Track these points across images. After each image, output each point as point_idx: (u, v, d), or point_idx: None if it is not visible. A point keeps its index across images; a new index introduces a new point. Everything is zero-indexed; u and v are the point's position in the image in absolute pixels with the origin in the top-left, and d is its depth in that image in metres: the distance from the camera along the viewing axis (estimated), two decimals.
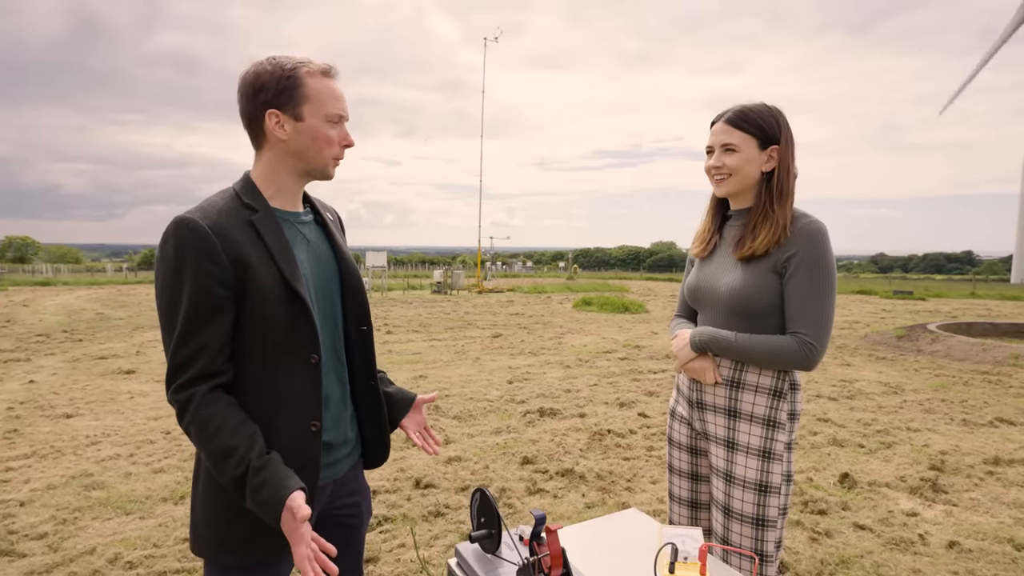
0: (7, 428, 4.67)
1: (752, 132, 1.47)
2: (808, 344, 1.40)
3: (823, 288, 1.41)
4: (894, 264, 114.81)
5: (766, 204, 1.48)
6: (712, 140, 1.53)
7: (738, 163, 1.48)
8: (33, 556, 2.67)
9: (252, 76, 1.16)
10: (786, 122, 1.50)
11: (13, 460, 3.93)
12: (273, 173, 1.21)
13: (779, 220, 1.44)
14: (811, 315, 1.41)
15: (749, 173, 1.49)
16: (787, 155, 1.48)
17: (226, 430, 1.07)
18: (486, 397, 5.75)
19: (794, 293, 1.42)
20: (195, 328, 1.08)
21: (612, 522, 1.50)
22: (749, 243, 1.47)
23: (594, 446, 4.26)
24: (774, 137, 1.48)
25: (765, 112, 1.48)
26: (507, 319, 13.19)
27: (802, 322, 1.41)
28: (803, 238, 1.42)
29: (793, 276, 1.42)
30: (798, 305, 1.42)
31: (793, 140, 1.50)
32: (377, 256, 21.46)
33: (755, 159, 1.48)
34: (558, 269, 56.44)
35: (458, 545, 1.32)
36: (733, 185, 1.52)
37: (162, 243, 1.10)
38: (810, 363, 1.41)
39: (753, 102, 1.50)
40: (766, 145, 1.48)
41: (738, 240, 1.52)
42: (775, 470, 1.47)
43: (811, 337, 1.40)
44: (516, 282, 30.85)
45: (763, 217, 1.47)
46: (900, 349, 9.12)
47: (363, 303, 1.35)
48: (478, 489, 1.30)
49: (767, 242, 1.44)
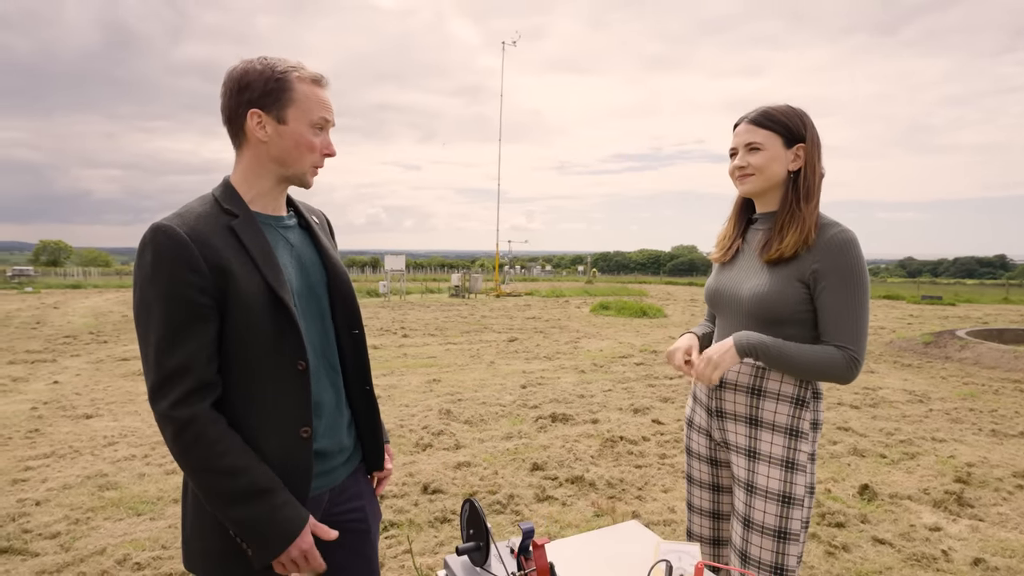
0: (29, 428, 4.78)
1: (777, 130, 1.44)
2: (853, 358, 1.36)
3: (859, 299, 1.37)
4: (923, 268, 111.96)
5: (792, 204, 1.43)
6: (736, 141, 1.50)
7: (763, 161, 1.44)
8: (45, 555, 2.71)
9: (239, 73, 1.13)
10: (811, 122, 1.47)
11: (33, 459, 4.01)
12: (253, 176, 1.18)
13: (806, 220, 1.40)
14: (851, 327, 1.36)
15: (775, 171, 1.45)
16: (813, 154, 1.45)
17: (235, 451, 1.07)
18: (498, 402, 5.72)
19: (831, 305, 1.37)
20: (178, 339, 1.05)
21: (610, 535, 1.46)
22: (776, 245, 1.42)
23: (606, 453, 4.20)
24: (799, 135, 1.44)
25: (789, 111, 1.45)
26: (523, 323, 13.15)
27: (842, 335, 1.36)
28: (835, 249, 1.36)
29: (828, 288, 1.37)
30: (836, 317, 1.37)
31: (819, 140, 1.47)
32: (395, 260, 21.60)
33: (780, 157, 1.44)
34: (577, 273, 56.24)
35: (447, 557, 1.29)
36: (758, 183, 1.47)
37: (139, 251, 1.07)
38: (852, 376, 1.37)
39: (777, 103, 1.47)
40: (791, 143, 1.44)
41: (764, 243, 1.47)
42: (798, 481, 1.42)
43: (854, 350, 1.36)
44: (534, 286, 30.78)
45: (790, 217, 1.42)
46: (927, 356, 8.86)
47: (353, 306, 1.32)
48: (467, 500, 1.27)
49: (795, 243, 1.39)
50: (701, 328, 1.72)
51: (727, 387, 1.52)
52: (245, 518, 1.06)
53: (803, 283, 1.40)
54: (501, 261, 28.35)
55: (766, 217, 1.52)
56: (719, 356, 1.44)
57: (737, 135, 1.49)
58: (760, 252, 1.48)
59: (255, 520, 1.06)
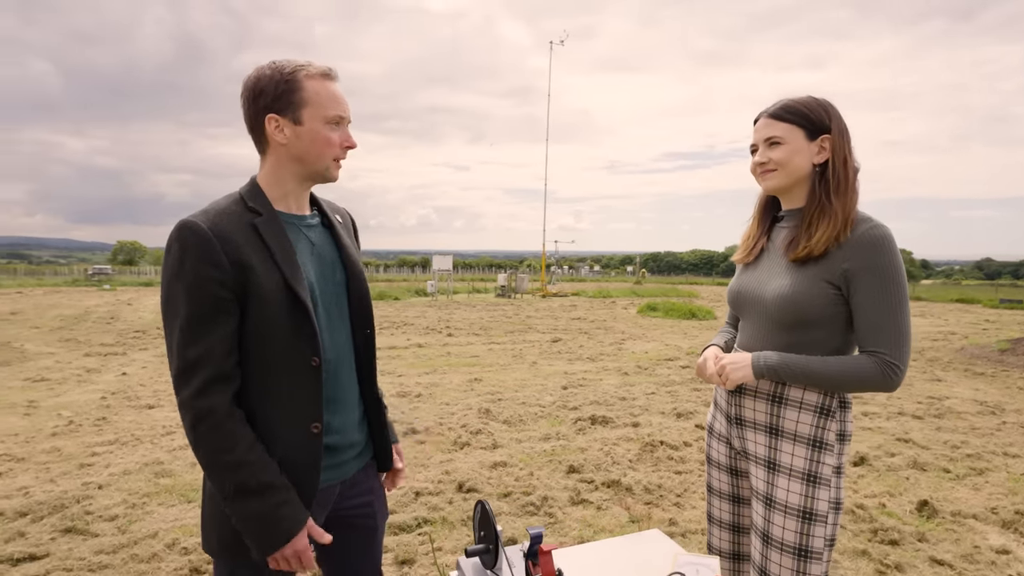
0: (98, 416, 5.12)
1: (797, 122, 1.36)
2: (890, 364, 1.26)
3: (896, 300, 1.27)
4: (1002, 270, 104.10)
5: (822, 197, 1.35)
6: (756, 137, 1.44)
7: (785, 155, 1.37)
8: (103, 536, 2.88)
9: (253, 81, 1.16)
10: (837, 113, 1.38)
11: (99, 446, 4.29)
12: (277, 177, 1.21)
13: (838, 214, 1.31)
14: (889, 331, 1.27)
15: (798, 165, 1.37)
16: (842, 145, 1.36)
17: (244, 445, 1.10)
18: (538, 402, 5.69)
19: (866, 307, 1.28)
20: (200, 330, 1.08)
21: (630, 543, 1.42)
22: (804, 242, 1.33)
23: (645, 457, 4.11)
24: (823, 126, 1.36)
25: (811, 102, 1.37)
26: (568, 323, 13.06)
27: (879, 340, 1.27)
28: (866, 246, 1.28)
29: (861, 289, 1.28)
30: (872, 321, 1.28)
31: (848, 132, 1.38)
32: (443, 260, 21.90)
33: (803, 150, 1.37)
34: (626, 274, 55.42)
35: (459, 559, 1.28)
36: (781, 179, 1.40)
37: (167, 246, 1.12)
38: (893, 384, 1.28)
39: (798, 96, 1.40)
40: (815, 135, 1.36)
41: (790, 241, 1.39)
42: (821, 496, 1.33)
43: (892, 356, 1.26)
44: (581, 286, 30.54)
45: (819, 211, 1.34)
46: (1003, 364, 8.22)
47: (367, 307, 1.34)
48: (479, 502, 1.26)
49: (826, 239, 1.30)
50: (722, 336, 1.65)
51: (747, 393, 1.45)
52: (244, 513, 1.09)
53: (831, 283, 1.31)
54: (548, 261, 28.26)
55: (792, 214, 1.44)
56: (732, 368, 1.38)
57: (757, 130, 1.43)
58: (786, 251, 1.39)
59: (253, 517, 1.09)
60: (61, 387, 6.35)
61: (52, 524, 2.99)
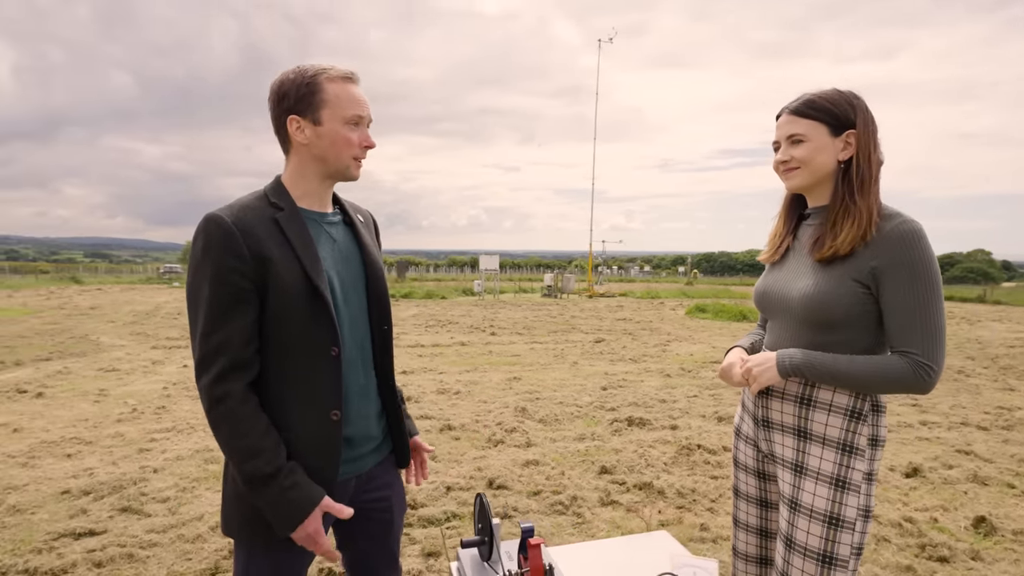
0: (158, 404, 5.46)
1: (820, 118, 1.32)
2: (922, 364, 1.21)
3: (928, 297, 1.22)
4: None
5: (845, 196, 1.30)
6: (778, 134, 1.40)
7: (807, 153, 1.33)
8: (155, 517, 3.08)
9: (277, 85, 1.22)
10: (864, 105, 1.32)
11: (157, 432, 4.58)
12: (300, 176, 1.27)
13: (863, 213, 1.26)
14: (921, 330, 1.22)
15: (822, 163, 1.33)
16: (867, 140, 1.31)
17: (257, 431, 1.14)
18: (576, 402, 5.67)
19: (896, 305, 1.23)
20: (220, 318, 1.14)
21: (635, 543, 1.41)
22: (830, 242, 1.29)
23: (680, 461, 4.02)
24: (848, 121, 1.31)
25: (836, 96, 1.32)
26: (613, 324, 12.91)
27: (910, 339, 1.22)
28: (896, 242, 1.23)
29: (891, 286, 1.23)
30: (902, 319, 1.23)
31: (874, 124, 1.32)
32: (489, 260, 22.07)
33: (827, 147, 1.32)
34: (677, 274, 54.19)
35: (459, 550, 1.31)
36: (804, 177, 1.36)
37: (194, 238, 1.18)
38: (926, 386, 1.22)
39: (822, 88, 1.35)
40: (839, 131, 1.31)
41: (815, 240, 1.35)
42: (849, 502, 1.29)
43: (924, 356, 1.21)
44: (630, 287, 30.10)
45: (843, 211, 1.30)
46: None
47: (385, 303, 1.38)
48: (478, 495, 1.28)
49: (851, 239, 1.26)
50: (749, 339, 1.61)
51: (774, 395, 1.40)
52: (259, 497, 1.14)
53: (860, 282, 1.26)
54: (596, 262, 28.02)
55: (818, 212, 1.39)
56: (758, 370, 1.34)
57: (779, 127, 1.38)
58: (811, 250, 1.35)
59: (268, 501, 1.14)
60: (129, 377, 6.80)
61: (111, 503, 3.22)
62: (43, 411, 5.26)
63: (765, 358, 1.35)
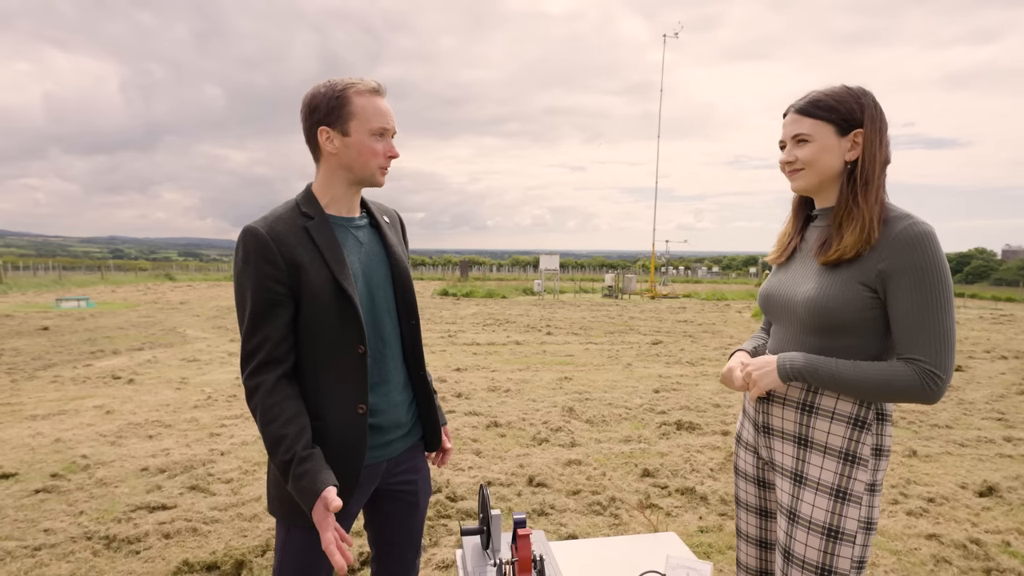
0: (230, 393, 5.88)
1: (826, 118, 1.28)
2: (929, 372, 1.17)
3: (937, 303, 1.17)
4: None
5: (849, 199, 1.27)
6: (783, 133, 1.37)
7: (812, 154, 1.30)
8: (219, 496, 3.35)
9: (309, 98, 1.32)
10: (873, 102, 1.27)
11: (227, 419, 4.95)
12: (328, 184, 1.36)
13: (865, 215, 1.23)
14: (929, 337, 1.17)
15: (828, 164, 1.29)
16: (873, 139, 1.26)
17: (282, 419, 1.23)
18: (625, 404, 5.61)
19: (903, 310, 1.19)
20: (260, 320, 1.25)
21: (637, 543, 1.41)
22: (836, 245, 1.26)
23: (728, 467, 3.91)
24: (855, 120, 1.26)
25: (843, 94, 1.28)
26: (673, 326, 12.61)
27: (917, 345, 1.18)
28: (904, 244, 1.18)
29: (898, 290, 1.19)
30: (910, 324, 1.18)
31: (884, 122, 1.27)
32: (550, 259, 22.08)
33: (833, 147, 1.28)
34: (748, 275, 51.99)
35: (463, 537, 1.37)
36: (809, 179, 1.33)
37: (235, 248, 1.31)
38: (934, 395, 1.18)
39: (831, 86, 1.31)
40: (847, 130, 1.27)
41: (822, 243, 1.32)
42: (850, 514, 1.25)
43: (931, 363, 1.17)
44: (695, 288, 29.21)
45: (847, 215, 1.26)
46: None
47: (411, 299, 1.46)
48: (481, 486, 1.33)
49: (855, 242, 1.22)
50: (752, 342, 1.57)
51: (775, 401, 1.37)
52: (283, 479, 1.23)
53: (866, 286, 1.22)
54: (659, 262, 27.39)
55: (825, 213, 1.35)
56: (758, 374, 1.32)
57: (784, 126, 1.35)
58: (817, 252, 1.31)
59: (288, 483, 1.22)
60: (208, 367, 7.36)
61: (182, 481, 3.53)
62: (132, 396, 5.80)
63: (765, 361, 1.32)
